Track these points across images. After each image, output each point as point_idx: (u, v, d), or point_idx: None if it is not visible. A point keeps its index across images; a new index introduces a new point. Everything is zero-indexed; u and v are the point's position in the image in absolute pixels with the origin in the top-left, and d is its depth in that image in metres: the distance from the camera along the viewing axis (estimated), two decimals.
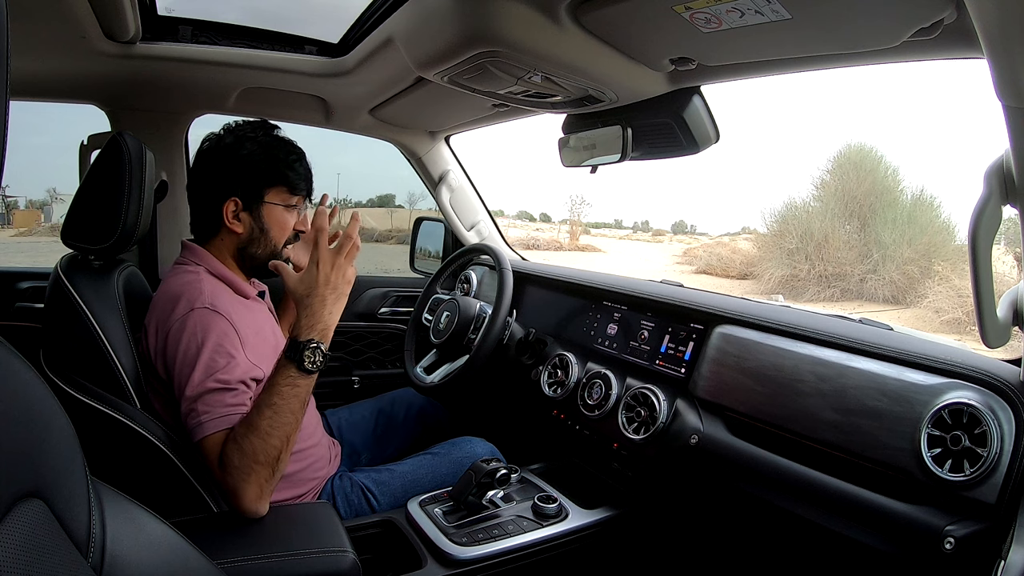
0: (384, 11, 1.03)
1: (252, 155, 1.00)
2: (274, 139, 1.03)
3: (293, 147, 1.04)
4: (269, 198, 1.01)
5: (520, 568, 1.01)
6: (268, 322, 1.07)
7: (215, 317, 0.89)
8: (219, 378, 0.85)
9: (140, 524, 0.48)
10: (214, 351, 0.87)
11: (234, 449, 0.80)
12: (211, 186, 1.00)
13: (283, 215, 1.03)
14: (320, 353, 0.83)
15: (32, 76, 1.27)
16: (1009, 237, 4.41)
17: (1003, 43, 0.48)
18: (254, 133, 1.02)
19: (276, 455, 0.81)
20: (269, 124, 1.06)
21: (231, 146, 1.00)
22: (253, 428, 0.81)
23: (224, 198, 0.99)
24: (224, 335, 0.89)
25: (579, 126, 1.23)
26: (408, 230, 2.17)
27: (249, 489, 0.80)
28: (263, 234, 1.02)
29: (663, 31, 0.82)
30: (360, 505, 1.09)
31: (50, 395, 0.41)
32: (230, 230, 1.00)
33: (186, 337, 0.87)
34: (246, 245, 1.02)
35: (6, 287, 1.47)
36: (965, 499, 0.69)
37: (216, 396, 0.84)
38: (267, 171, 1.00)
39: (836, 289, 10.20)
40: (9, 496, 0.34)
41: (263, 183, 1.00)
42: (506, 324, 1.33)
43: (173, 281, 0.96)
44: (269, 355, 0.97)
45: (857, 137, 26.77)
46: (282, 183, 1.02)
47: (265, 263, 1.02)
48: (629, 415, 1.10)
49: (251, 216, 1.01)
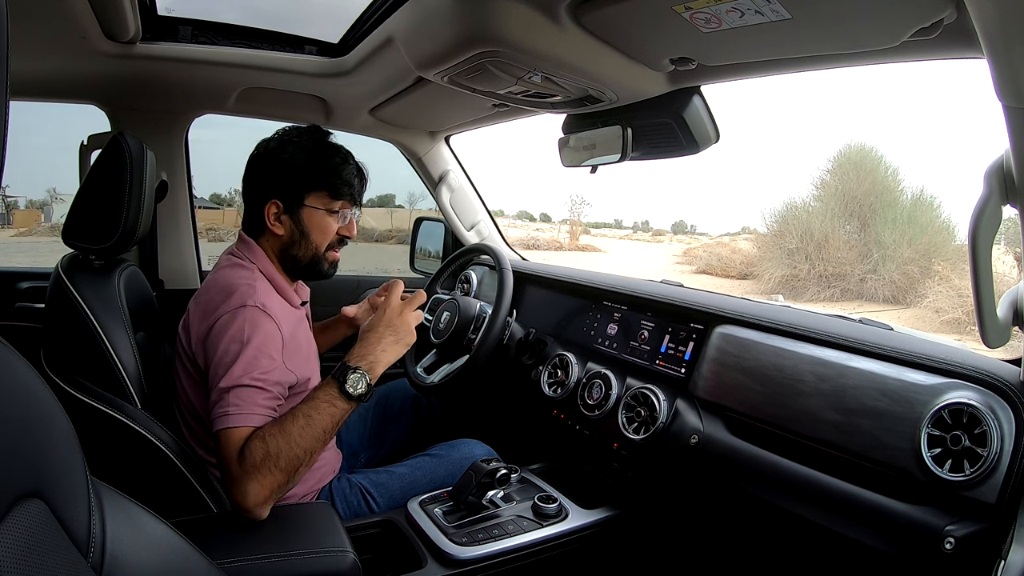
0: (384, 11, 1.03)
1: (293, 158, 1.00)
2: (318, 143, 1.03)
3: (338, 151, 1.04)
4: (310, 202, 1.01)
5: (520, 568, 1.01)
6: (305, 331, 1.07)
7: (265, 318, 0.91)
8: (257, 376, 0.86)
9: (140, 524, 0.48)
10: (258, 350, 0.88)
11: (259, 446, 0.81)
12: (256, 188, 1.02)
13: (324, 219, 1.03)
14: (363, 383, 0.88)
15: (32, 76, 1.27)
16: (1009, 237, 4.42)
17: (1003, 43, 0.48)
18: (299, 138, 1.03)
19: (297, 465, 0.82)
20: (319, 129, 1.05)
21: (275, 150, 1.02)
22: (284, 431, 0.82)
23: (266, 200, 1.00)
24: (270, 337, 0.90)
25: (579, 126, 1.23)
26: (408, 230, 2.17)
27: (260, 490, 0.80)
28: (303, 237, 1.02)
29: (663, 31, 0.82)
30: (359, 506, 1.09)
31: (50, 395, 0.41)
32: (272, 232, 1.02)
33: (234, 330, 0.88)
34: (287, 247, 1.03)
35: (6, 287, 1.47)
36: (965, 499, 0.69)
37: (250, 392, 0.85)
38: (307, 175, 1.01)
39: (836, 289, 10.20)
40: (9, 496, 0.34)
41: (304, 187, 1.01)
42: (506, 324, 1.33)
43: (229, 273, 0.97)
44: (302, 364, 0.99)
45: (857, 137, 26.77)
46: (323, 187, 1.02)
47: (308, 265, 1.05)
48: (629, 415, 1.10)
49: (292, 219, 1.02)
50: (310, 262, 1.04)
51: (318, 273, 1.07)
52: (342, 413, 0.87)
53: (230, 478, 0.81)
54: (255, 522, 0.82)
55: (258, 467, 0.80)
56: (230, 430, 0.82)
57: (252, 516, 0.81)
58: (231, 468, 0.81)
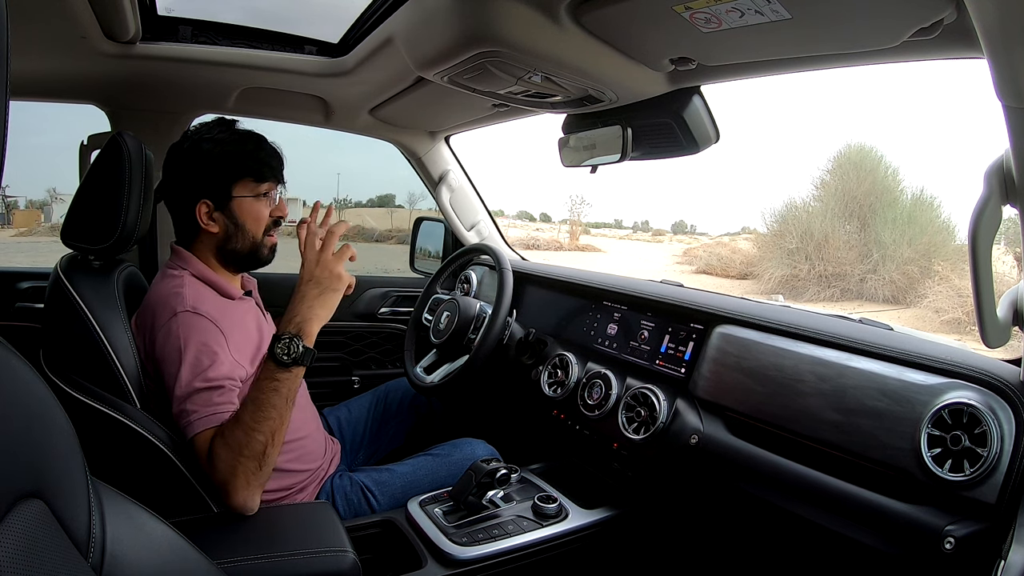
0: (384, 11, 1.03)
1: (210, 154, 1.00)
2: (229, 133, 1.03)
3: (250, 136, 1.03)
4: (236, 192, 1.01)
5: (520, 568, 1.01)
6: (254, 321, 1.06)
7: (197, 319, 0.91)
8: (206, 376, 0.87)
9: (140, 524, 0.48)
10: (199, 351, 0.88)
11: (220, 443, 0.82)
12: (181, 192, 1.02)
13: (254, 205, 1.03)
14: (295, 346, 0.83)
15: (32, 76, 1.27)
16: (1009, 237, 4.42)
17: (1003, 43, 0.48)
18: (210, 132, 1.02)
19: (262, 450, 0.82)
20: (225, 120, 1.05)
21: (189, 150, 1.01)
22: (238, 422, 0.82)
23: (195, 202, 1.00)
24: (207, 335, 0.90)
25: (579, 126, 1.23)
26: (408, 230, 2.17)
27: (236, 482, 0.81)
28: (239, 229, 1.02)
29: (663, 31, 0.82)
30: (360, 505, 1.09)
31: (50, 395, 0.41)
32: (207, 231, 1.02)
33: (171, 340, 0.89)
34: (225, 243, 1.03)
35: (6, 287, 1.46)
36: (965, 499, 0.69)
37: (204, 395, 0.86)
38: (228, 166, 1.00)
39: (836, 289, 10.20)
40: (9, 496, 0.34)
41: (227, 179, 1.01)
42: (506, 324, 1.33)
43: (159, 287, 0.98)
44: (254, 354, 0.99)
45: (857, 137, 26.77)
46: (246, 174, 1.01)
47: (247, 256, 1.04)
48: (629, 415, 1.10)
49: (224, 214, 1.01)
50: (250, 252, 1.04)
51: (259, 261, 1.07)
52: (287, 384, 0.84)
53: (211, 482, 0.83)
54: (255, 522, 0.82)
55: (226, 462, 0.81)
56: (197, 436, 0.84)
57: (242, 510, 0.82)
58: (208, 472, 0.83)
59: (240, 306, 1.04)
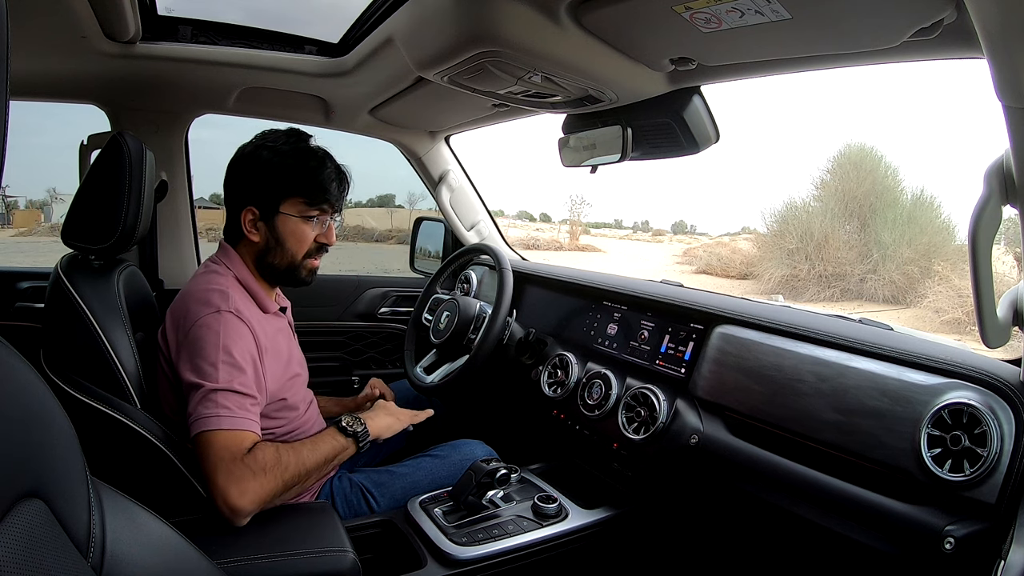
0: (384, 11, 1.03)
1: (268, 164, 0.98)
2: (294, 148, 1.00)
3: (313, 155, 1.01)
4: (284, 208, 1.00)
5: (520, 568, 1.00)
6: (284, 338, 1.07)
7: (240, 324, 0.91)
8: (244, 382, 0.87)
9: (140, 524, 0.48)
10: (240, 357, 0.88)
11: (272, 452, 0.84)
12: (232, 195, 1.01)
13: (299, 226, 1.01)
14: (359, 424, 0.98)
15: (32, 76, 1.27)
16: (1009, 237, 4.41)
17: (1003, 43, 0.48)
18: (275, 141, 1.00)
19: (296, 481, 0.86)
20: (296, 132, 1.03)
21: (249, 154, 1.00)
22: (293, 448, 0.88)
23: (242, 206, 0.99)
24: (247, 343, 0.91)
25: (579, 126, 1.23)
26: (408, 230, 2.17)
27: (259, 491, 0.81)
28: (279, 245, 1.01)
29: (663, 31, 0.82)
30: (359, 506, 1.09)
31: (50, 395, 0.41)
32: (249, 239, 1.01)
33: (212, 335, 0.88)
34: (263, 254, 1.02)
35: (6, 287, 1.46)
36: (965, 499, 0.69)
37: (240, 399, 0.86)
38: (282, 180, 0.99)
39: (836, 289, 10.20)
40: (9, 496, 0.34)
41: (278, 193, 0.99)
42: (506, 324, 1.33)
43: (204, 280, 0.97)
44: (280, 372, 0.99)
45: (857, 137, 26.77)
46: (298, 193, 0.99)
47: (284, 273, 1.03)
48: (629, 415, 1.10)
49: (267, 226, 1.00)
50: (287, 270, 1.03)
51: (296, 280, 1.05)
52: (341, 448, 0.93)
53: (227, 476, 0.80)
54: (255, 522, 0.82)
55: (266, 470, 0.81)
56: (225, 432, 0.83)
57: (236, 518, 0.80)
58: (232, 466, 0.80)
59: (273, 322, 1.04)
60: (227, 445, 0.82)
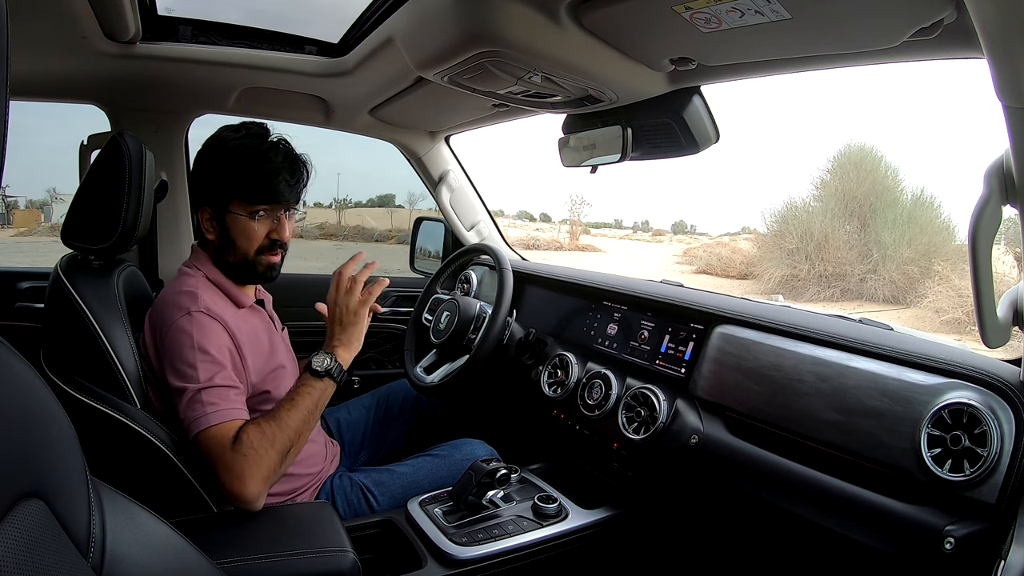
0: (384, 11, 1.03)
1: (215, 162, 0.99)
2: (240, 144, 0.98)
3: (256, 152, 0.98)
4: (232, 207, 0.99)
5: (520, 568, 1.00)
6: (264, 331, 1.06)
7: (211, 322, 0.92)
8: (224, 375, 0.89)
9: (140, 524, 0.48)
10: (217, 352, 0.90)
11: (255, 430, 0.86)
12: (192, 193, 1.04)
13: (247, 224, 0.99)
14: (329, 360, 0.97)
15: (32, 76, 1.27)
16: (1009, 237, 4.41)
17: (1003, 43, 0.48)
18: (226, 140, 0.99)
19: (288, 446, 0.88)
20: (248, 127, 1.01)
21: (201, 153, 1.01)
22: (274, 417, 0.89)
23: (198, 206, 1.01)
24: (222, 338, 0.92)
25: (579, 126, 1.23)
26: (408, 230, 2.17)
27: (257, 472, 0.83)
28: (230, 243, 1.00)
29: (663, 31, 0.82)
30: (360, 505, 1.09)
31: (50, 395, 0.41)
32: (206, 237, 1.02)
33: (185, 337, 0.89)
34: (219, 252, 1.02)
35: (6, 287, 1.46)
36: (965, 499, 0.69)
37: (223, 391, 0.87)
38: (227, 180, 0.98)
39: (836, 289, 10.19)
40: (9, 496, 0.34)
41: (226, 193, 0.98)
42: (506, 324, 1.33)
43: (176, 283, 0.98)
44: (261, 364, 1.00)
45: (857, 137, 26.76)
46: (242, 192, 0.98)
47: (240, 269, 1.02)
48: (629, 415, 1.10)
49: (219, 225, 1.00)
50: (241, 266, 1.02)
51: (254, 277, 1.04)
52: (320, 392, 0.94)
53: (225, 470, 0.83)
54: (255, 522, 0.82)
55: (255, 449, 0.83)
56: (215, 427, 0.84)
57: (251, 506, 0.83)
58: (225, 459, 0.83)
59: (250, 315, 1.04)
60: (218, 440, 0.84)
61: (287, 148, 1.02)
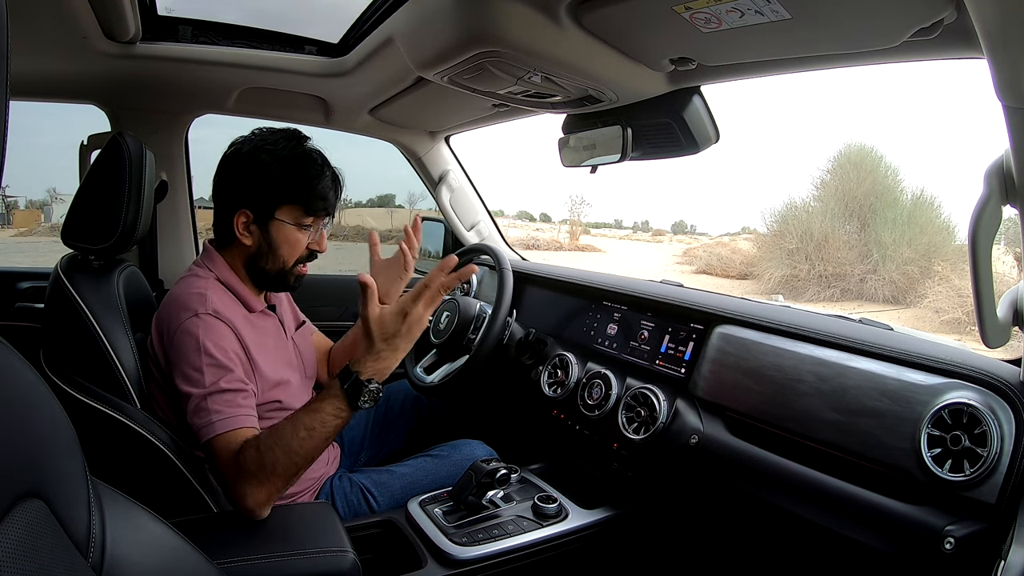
0: (384, 11, 1.03)
1: (266, 169, 0.96)
2: (293, 153, 0.97)
3: (314, 162, 0.98)
4: (280, 215, 0.97)
5: (520, 568, 1.00)
6: (274, 337, 1.06)
7: (218, 324, 0.90)
8: (231, 379, 0.87)
9: (140, 524, 0.48)
10: (223, 355, 0.88)
11: (255, 457, 0.80)
12: (225, 195, 0.99)
13: (294, 234, 0.99)
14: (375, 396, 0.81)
15: (32, 76, 1.27)
16: (1009, 237, 4.42)
17: (1003, 43, 0.48)
18: (274, 144, 0.97)
19: (295, 471, 0.81)
20: (296, 135, 1.00)
21: (247, 155, 0.97)
22: (281, 443, 0.79)
23: (235, 209, 0.97)
24: (230, 340, 0.90)
25: (579, 126, 1.23)
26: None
27: (258, 494, 0.80)
28: (271, 251, 0.99)
29: (663, 31, 0.82)
30: (359, 505, 1.09)
31: (50, 395, 0.41)
32: (240, 242, 0.98)
33: (192, 339, 0.88)
34: (255, 259, 1.00)
35: (6, 287, 1.47)
36: (965, 499, 0.69)
37: (229, 396, 0.85)
38: (280, 188, 0.96)
39: (836, 289, 10.20)
40: (9, 496, 0.34)
41: (275, 200, 0.96)
42: (506, 324, 1.33)
43: (184, 284, 0.96)
44: (269, 371, 0.98)
45: (857, 137, 26.77)
46: (295, 202, 0.97)
47: (273, 278, 1.02)
48: (629, 415, 1.10)
49: (261, 231, 0.98)
50: (276, 275, 1.01)
51: (284, 286, 1.04)
52: (346, 422, 0.83)
53: (228, 481, 0.82)
54: (255, 522, 0.82)
55: (255, 475, 0.80)
56: (220, 436, 0.83)
57: (253, 516, 0.82)
58: (228, 472, 0.82)
59: (260, 320, 1.03)
60: (226, 448, 0.82)
61: (329, 162, 1.02)
